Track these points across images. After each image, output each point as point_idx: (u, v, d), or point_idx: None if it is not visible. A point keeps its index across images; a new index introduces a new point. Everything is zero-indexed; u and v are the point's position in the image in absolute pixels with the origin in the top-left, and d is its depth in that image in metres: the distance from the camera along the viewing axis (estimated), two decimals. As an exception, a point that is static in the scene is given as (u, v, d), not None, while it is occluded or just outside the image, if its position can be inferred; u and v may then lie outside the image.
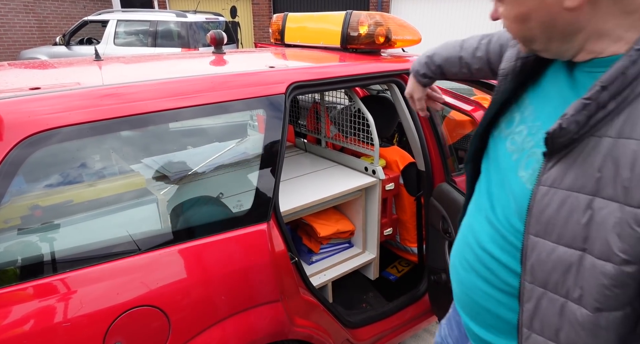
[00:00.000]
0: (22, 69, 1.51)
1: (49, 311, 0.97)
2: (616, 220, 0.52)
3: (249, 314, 1.24)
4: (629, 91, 0.50)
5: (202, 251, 1.18)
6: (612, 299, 0.55)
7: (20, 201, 1.00)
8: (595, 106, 0.52)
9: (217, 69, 1.41)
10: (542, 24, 0.56)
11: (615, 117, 0.52)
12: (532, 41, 0.60)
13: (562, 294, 0.60)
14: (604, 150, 0.53)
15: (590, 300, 0.56)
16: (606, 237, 0.53)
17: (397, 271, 2.25)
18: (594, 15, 0.52)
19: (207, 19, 7.18)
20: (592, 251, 0.55)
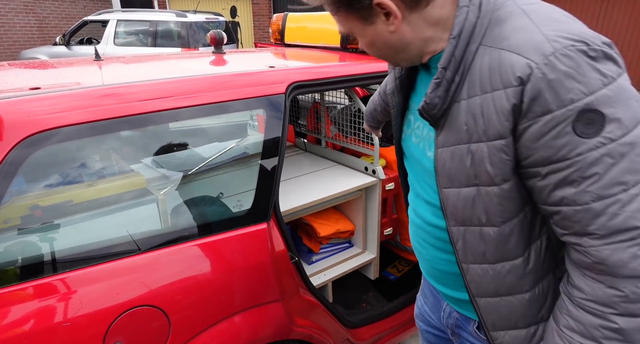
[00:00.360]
0: (22, 69, 1.51)
1: (49, 311, 0.97)
2: (486, 154, 0.69)
3: (249, 314, 1.24)
4: (462, 66, 0.69)
5: (202, 250, 1.18)
6: (507, 211, 0.72)
7: (20, 201, 1.00)
8: (446, 82, 0.71)
9: (217, 69, 1.41)
10: (384, 45, 0.75)
11: (463, 86, 0.70)
12: (388, 57, 0.79)
13: (476, 224, 0.75)
14: (464, 109, 0.71)
15: (494, 218, 0.73)
16: (485, 168, 0.70)
17: (397, 271, 2.25)
18: (413, 30, 0.72)
19: (207, 19, 7.18)
20: (482, 183, 0.71)
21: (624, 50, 8.38)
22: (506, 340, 0.81)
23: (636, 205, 0.60)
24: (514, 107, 0.63)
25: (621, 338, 0.64)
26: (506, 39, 0.65)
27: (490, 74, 0.66)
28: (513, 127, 0.65)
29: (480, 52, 0.68)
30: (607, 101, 0.59)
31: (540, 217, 0.73)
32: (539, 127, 0.62)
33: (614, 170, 0.60)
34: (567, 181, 0.62)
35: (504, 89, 0.64)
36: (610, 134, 0.59)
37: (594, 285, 0.65)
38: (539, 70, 0.60)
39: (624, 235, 0.61)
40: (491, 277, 0.77)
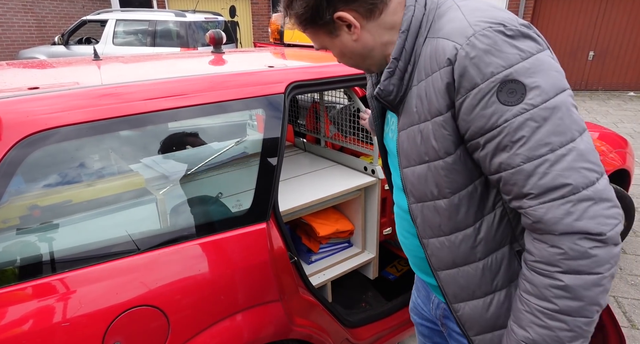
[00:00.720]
0: (20, 68, 1.50)
1: (48, 311, 0.97)
2: (430, 131, 0.77)
3: (249, 313, 1.24)
4: (413, 57, 0.79)
5: (201, 250, 1.18)
6: (454, 183, 0.78)
7: (19, 201, 1.00)
8: (400, 71, 0.79)
9: (216, 69, 1.41)
10: (352, 53, 0.85)
11: (414, 74, 0.79)
12: (358, 64, 0.88)
13: (430, 198, 0.83)
14: (414, 94, 0.79)
15: (444, 191, 0.80)
16: (431, 144, 0.77)
17: (397, 271, 2.25)
18: (373, 36, 0.81)
19: (206, 19, 7.17)
20: (430, 159, 0.79)
21: (622, 51, 8.39)
22: (467, 311, 0.87)
23: (564, 164, 0.65)
24: (448, 85, 0.71)
25: (569, 296, 0.67)
26: (441, 29, 0.75)
27: (430, 60, 0.75)
28: (450, 104, 0.73)
29: (426, 44, 0.77)
30: (526, 72, 0.66)
31: (494, 193, 0.79)
32: (470, 100, 0.69)
33: (539, 133, 0.66)
34: (501, 147, 0.69)
35: (439, 71, 0.72)
36: (532, 100, 0.66)
37: (539, 246, 0.69)
38: (463, 50, 0.69)
39: (555, 193, 0.65)
40: (448, 248, 0.84)
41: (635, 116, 6.68)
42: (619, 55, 8.43)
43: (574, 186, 0.65)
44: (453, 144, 0.75)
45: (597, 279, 0.66)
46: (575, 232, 0.65)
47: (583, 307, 0.67)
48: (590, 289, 0.66)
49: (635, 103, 7.61)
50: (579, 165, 0.65)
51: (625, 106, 7.40)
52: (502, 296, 0.83)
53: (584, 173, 0.65)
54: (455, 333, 1.02)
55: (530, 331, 0.71)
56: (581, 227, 0.65)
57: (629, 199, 2.65)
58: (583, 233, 0.65)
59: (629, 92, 8.50)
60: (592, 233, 0.65)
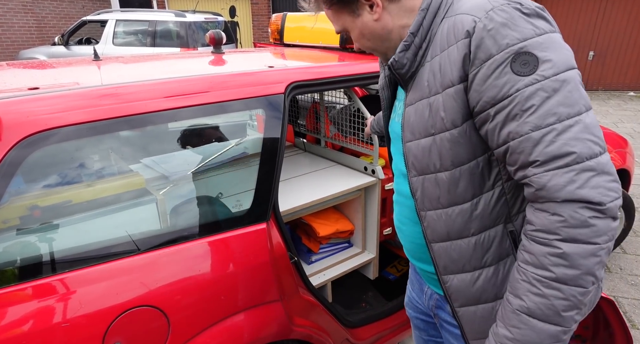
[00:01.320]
0: (20, 69, 1.50)
1: (48, 312, 0.97)
2: (440, 103, 0.80)
3: (249, 314, 1.24)
4: (429, 35, 0.83)
5: (201, 250, 1.18)
6: (457, 156, 0.81)
7: (19, 201, 1.00)
8: (415, 47, 0.84)
9: (216, 69, 1.41)
10: (371, 34, 0.88)
11: (428, 52, 0.84)
12: (377, 47, 0.91)
13: (432, 171, 0.85)
14: (427, 69, 0.83)
15: (446, 163, 0.83)
16: (440, 116, 0.80)
17: (397, 271, 2.25)
18: (393, 18, 0.86)
19: (206, 19, 7.17)
20: (436, 131, 0.82)
21: (622, 51, 8.39)
22: (455, 283, 0.90)
23: (570, 134, 0.68)
24: (464, 56, 0.75)
25: (567, 263, 0.69)
26: (460, 8, 0.79)
27: (447, 35, 0.79)
28: (463, 76, 0.76)
29: (443, 23, 0.81)
30: (539, 46, 0.71)
31: (495, 172, 0.82)
32: (484, 70, 0.73)
33: (549, 103, 0.69)
34: (511, 117, 0.71)
35: (456, 43, 0.76)
36: (544, 72, 0.69)
37: (540, 215, 0.71)
38: (481, 22, 0.73)
39: (560, 161, 0.68)
40: (444, 221, 0.87)
41: (635, 115, 6.68)
42: (619, 55, 8.43)
43: (578, 154, 0.67)
44: (461, 117, 0.78)
45: (594, 249, 0.68)
46: (576, 200, 0.67)
47: (579, 276, 0.68)
48: (587, 259, 0.68)
49: (635, 103, 7.61)
50: (584, 136, 0.68)
51: (625, 105, 7.40)
52: (490, 272, 0.86)
53: (588, 144, 0.68)
54: (447, 323, 1.04)
55: (526, 299, 0.73)
56: (583, 196, 0.66)
57: (629, 199, 2.65)
58: (584, 202, 0.67)
59: (629, 92, 8.50)
60: (592, 202, 0.66)
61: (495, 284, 0.86)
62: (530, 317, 0.72)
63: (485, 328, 0.88)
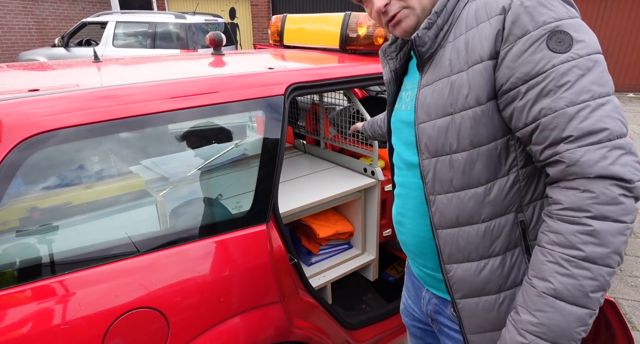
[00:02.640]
0: (21, 70, 1.51)
1: (47, 314, 0.97)
2: (465, 81, 0.79)
3: (249, 315, 1.24)
4: (452, 18, 0.84)
5: (201, 252, 1.18)
6: (477, 136, 0.80)
7: (19, 203, 1.00)
8: (437, 27, 0.83)
9: (216, 71, 1.41)
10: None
11: (450, 34, 0.84)
12: (411, 4, 0.86)
13: (447, 152, 0.83)
14: (449, 49, 0.83)
15: (464, 142, 0.81)
16: (463, 93, 0.79)
17: (397, 272, 2.25)
18: None
19: (206, 21, 7.18)
20: (456, 110, 0.81)
21: (622, 52, 8.40)
22: (458, 273, 0.87)
23: (603, 112, 0.69)
24: (498, 32, 0.75)
25: (597, 241, 0.68)
26: None
27: (476, 14, 0.79)
28: (493, 53, 0.76)
29: (466, 7, 0.82)
30: (573, 27, 0.72)
31: (512, 157, 0.81)
32: (520, 46, 0.73)
33: (583, 80, 0.70)
34: (544, 93, 0.71)
35: (489, 20, 0.76)
36: (578, 51, 0.71)
37: (569, 193, 0.70)
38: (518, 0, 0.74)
39: (594, 137, 0.68)
40: (455, 205, 0.85)
41: (634, 117, 6.69)
42: (619, 57, 8.44)
43: (610, 131, 0.68)
44: (486, 94, 0.78)
45: (622, 228, 0.67)
46: (609, 176, 0.67)
47: (608, 254, 0.67)
48: (616, 237, 0.67)
49: (635, 104, 7.62)
50: (615, 115, 0.69)
51: (624, 107, 7.41)
52: (497, 262, 0.84)
53: (618, 123, 0.69)
54: (447, 328, 1.02)
55: (554, 281, 0.70)
56: (615, 172, 0.67)
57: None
58: (616, 179, 0.67)
59: (628, 94, 8.51)
60: (624, 179, 0.67)
61: (501, 275, 0.84)
62: (558, 299, 0.70)
63: (485, 322, 0.87)
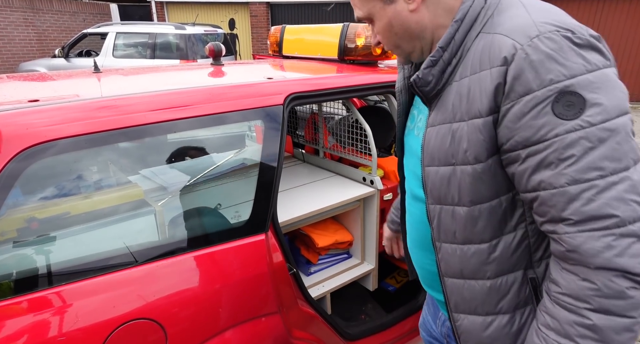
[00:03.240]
0: (21, 81, 1.51)
1: (44, 326, 0.96)
2: (464, 133, 0.72)
3: (247, 326, 1.23)
4: (461, 50, 0.74)
5: (199, 262, 1.17)
6: (477, 193, 0.73)
7: (17, 214, 1.00)
8: (443, 63, 0.74)
9: (216, 81, 1.42)
10: (401, 28, 0.78)
11: (458, 69, 0.74)
12: (401, 46, 0.81)
13: (449, 203, 0.78)
14: (454, 90, 0.74)
15: (465, 198, 0.75)
16: (462, 147, 0.72)
17: (396, 282, 2.23)
18: (430, 14, 0.76)
19: (206, 31, 7.24)
20: (457, 162, 0.74)
21: (619, 57, 8.47)
22: (465, 324, 0.83)
23: (613, 193, 0.59)
24: (497, 86, 0.66)
25: (596, 337, 0.61)
26: (501, 25, 0.69)
27: (481, 56, 0.70)
28: (493, 108, 0.67)
29: (479, 39, 0.72)
30: (589, 85, 0.60)
31: (519, 213, 0.74)
32: (521, 107, 0.64)
33: (592, 154, 0.60)
34: (545, 164, 0.63)
35: (490, 69, 0.67)
36: (590, 118, 0.60)
37: (569, 277, 0.63)
38: (523, 50, 0.63)
39: (598, 223, 0.60)
40: (459, 257, 0.79)
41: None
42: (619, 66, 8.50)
43: (620, 218, 0.59)
44: (486, 152, 0.70)
45: (629, 324, 0.60)
46: (613, 268, 0.59)
47: None
48: (621, 334, 0.60)
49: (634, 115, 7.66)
50: (630, 197, 0.59)
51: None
52: (505, 320, 0.77)
53: (634, 206, 0.59)
54: None
55: None
56: (621, 265, 0.58)
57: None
58: (622, 271, 0.59)
59: (625, 102, 8.56)
60: (631, 272, 0.58)
61: (509, 334, 0.77)
62: None
63: None
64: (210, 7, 10.91)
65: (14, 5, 8.98)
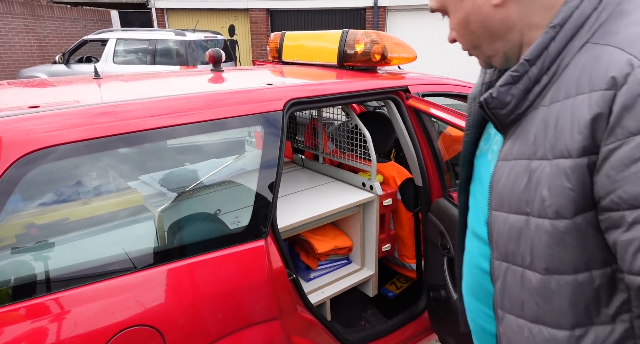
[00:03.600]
0: (21, 87, 1.52)
1: (42, 332, 0.95)
2: (545, 176, 0.55)
3: (247, 332, 1.22)
4: (556, 65, 0.56)
5: (199, 268, 1.17)
6: (556, 260, 0.55)
7: (16, 220, 1.00)
8: (528, 81, 0.58)
9: (215, 87, 1.42)
10: (480, 25, 0.62)
11: (549, 90, 0.57)
12: (480, 46, 0.65)
13: (519, 264, 0.61)
14: (539, 117, 0.57)
15: (539, 262, 0.57)
16: (541, 194, 0.55)
17: (396, 288, 2.22)
18: (521, 11, 0.59)
19: (206, 38, 7.28)
20: (533, 212, 0.57)
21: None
22: None
23: None
24: (596, 118, 0.48)
25: None
26: (616, 34, 0.51)
27: (581, 75, 0.52)
28: (589, 147, 0.50)
29: (583, 51, 0.53)
30: None
31: (621, 299, 0.53)
32: (630, 150, 0.46)
33: None
34: None
35: (589, 93, 0.50)
36: None
37: None
38: None
39: None
40: (526, 339, 0.60)
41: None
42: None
43: None
44: (573, 206, 0.52)
45: None
46: None
47: None
48: None
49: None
50: None
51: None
52: None
53: None
54: None
55: None
56: None
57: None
58: None
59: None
60: None
61: None
62: None
63: None
64: (210, 14, 10.97)
65: (15, 12, 9.02)
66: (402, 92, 1.71)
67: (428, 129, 1.74)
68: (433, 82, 1.86)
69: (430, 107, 1.60)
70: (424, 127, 1.73)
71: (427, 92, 1.78)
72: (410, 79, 1.80)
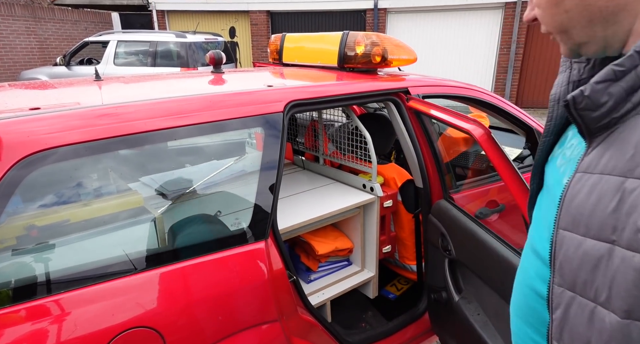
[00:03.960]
0: (22, 89, 1.52)
1: (43, 334, 0.95)
2: None
3: (247, 334, 1.22)
4: None
5: (199, 270, 1.17)
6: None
7: (17, 221, 1.00)
8: (635, 77, 0.45)
9: (216, 88, 1.43)
10: (578, 4, 0.49)
11: None
12: (571, 30, 0.52)
13: (591, 298, 0.51)
14: None
15: (618, 302, 0.47)
16: (636, 222, 0.44)
17: (397, 289, 2.22)
18: None
19: (206, 39, 7.30)
20: (620, 242, 0.46)
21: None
22: None
23: None
24: None
25: None
26: None
27: None
28: None
29: None
30: None
31: None
32: None
33: None
34: None
35: None
36: None
37: None
38: None
39: None
40: None
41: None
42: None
43: None
44: None
45: None
46: None
47: None
48: None
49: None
50: None
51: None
52: None
53: None
54: None
55: None
56: None
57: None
58: None
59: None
60: None
61: None
62: None
63: None
64: (211, 16, 11.00)
65: (16, 14, 9.05)
66: (403, 93, 1.72)
67: (428, 130, 1.74)
68: (433, 84, 1.86)
69: (430, 108, 1.60)
70: (424, 128, 1.73)
71: (427, 93, 1.78)
72: (411, 80, 1.81)
